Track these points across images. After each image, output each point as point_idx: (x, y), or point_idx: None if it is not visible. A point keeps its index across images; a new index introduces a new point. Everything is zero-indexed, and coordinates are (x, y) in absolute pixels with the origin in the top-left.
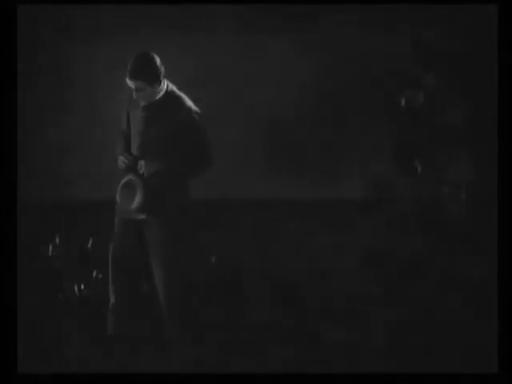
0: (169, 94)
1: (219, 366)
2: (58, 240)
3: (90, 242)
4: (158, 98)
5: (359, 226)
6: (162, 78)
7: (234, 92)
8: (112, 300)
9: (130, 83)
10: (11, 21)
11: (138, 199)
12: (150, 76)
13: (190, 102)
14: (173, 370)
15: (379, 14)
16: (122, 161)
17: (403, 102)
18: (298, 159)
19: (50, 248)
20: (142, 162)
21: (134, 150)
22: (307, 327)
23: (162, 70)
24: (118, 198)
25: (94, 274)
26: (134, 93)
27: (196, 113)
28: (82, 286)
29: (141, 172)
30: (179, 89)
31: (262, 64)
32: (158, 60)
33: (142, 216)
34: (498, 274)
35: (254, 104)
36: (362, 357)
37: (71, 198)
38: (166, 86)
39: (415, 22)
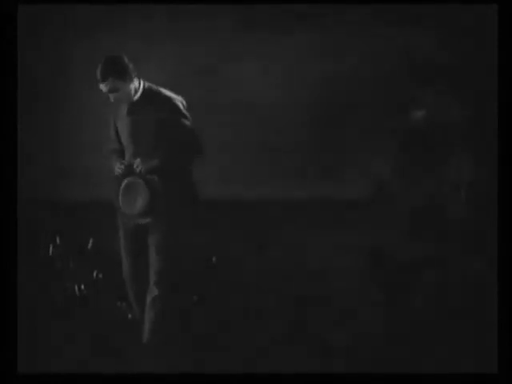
0: (146, 91)
1: (219, 366)
2: (58, 240)
3: (90, 242)
4: (136, 98)
5: (359, 225)
6: (132, 73)
7: (233, 92)
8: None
9: (102, 87)
10: (11, 21)
11: (141, 201)
12: (119, 72)
13: (170, 93)
14: (173, 370)
15: (378, 15)
16: (117, 167)
17: (406, 120)
18: (298, 159)
19: (50, 248)
20: (137, 160)
21: (129, 157)
22: (307, 327)
23: (131, 66)
24: (120, 204)
25: (94, 274)
26: (110, 96)
27: (177, 100)
28: (82, 286)
29: (138, 171)
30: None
31: (261, 64)
32: (124, 58)
33: (147, 220)
34: (497, 274)
35: (254, 104)
36: (362, 357)
37: (71, 198)
38: (142, 85)
39: (415, 22)
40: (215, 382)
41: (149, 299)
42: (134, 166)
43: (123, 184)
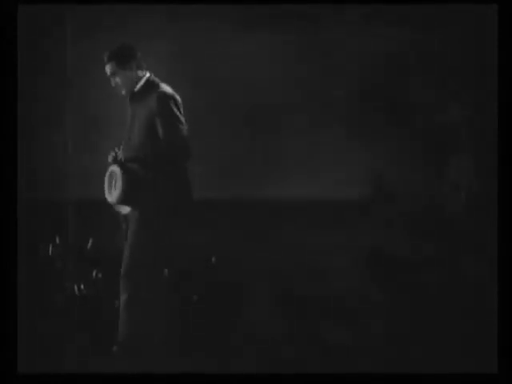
0: (149, 83)
1: (219, 366)
2: (58, 240)
3: (90, 242)
4: (138, 88)
5: (359, 226)
6: (132, 61)
7: (233, 92)
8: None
9: (106, 69)
10: (11, 21)
11: (117, 189)
12: (119, 58)
13: (167, 89)
14: (173, 370)
15: (378, 15)
16: (110, 155)
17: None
18: (298, 159)
19: (50, 248)
20: (120, 148)
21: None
22: (307, 327)
23: (136, 55)
24: (105, 192)
25: (94, 273)
26: (111, 81)
27: (170, 98)
28: (82, 286)
29: (119, 159)
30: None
31: (261, 64)
32: (131, 46)
33: (127, 210)
34: (497, 274)
35: (254, 104)
36: (362, 357)
37: (71, 197)
38: (146, 77)
39: (414, 23)
40: (215, 382)
41: None
42: (118, 155)
43: (107, 172)
